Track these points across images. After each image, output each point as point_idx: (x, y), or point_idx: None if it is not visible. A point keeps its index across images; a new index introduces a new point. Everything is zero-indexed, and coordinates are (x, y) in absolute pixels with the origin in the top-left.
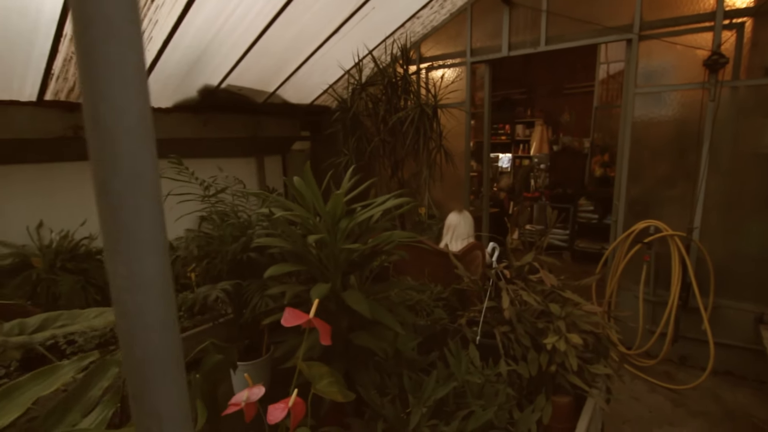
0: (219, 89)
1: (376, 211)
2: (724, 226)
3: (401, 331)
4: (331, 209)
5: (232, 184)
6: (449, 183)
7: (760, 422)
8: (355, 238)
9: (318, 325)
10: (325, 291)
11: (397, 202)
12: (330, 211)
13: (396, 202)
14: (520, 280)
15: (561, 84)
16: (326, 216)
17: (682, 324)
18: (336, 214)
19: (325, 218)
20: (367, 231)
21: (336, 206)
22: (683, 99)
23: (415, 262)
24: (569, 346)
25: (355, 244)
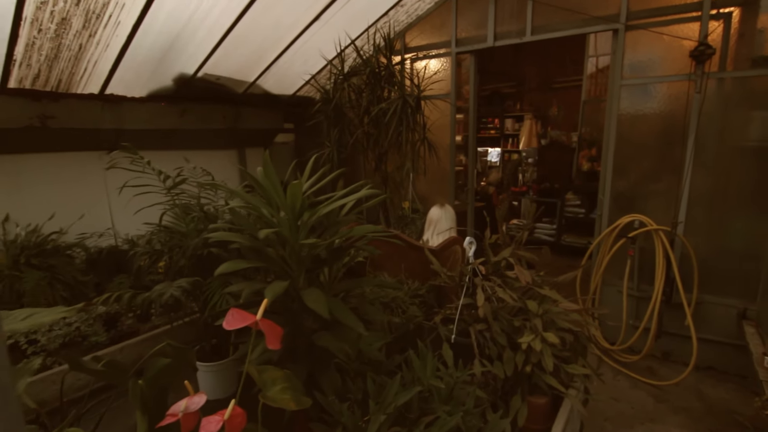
0: (195, 78)
1: (340, 203)
2: (709, 221)
3: (363, 331)
4: (290, 201)
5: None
6: (434, 177)
7: (742, 418)
8: (320, 233)
9: (265, 327)
10: (281, 289)
11: (364, 194)
12: (289, 204)
13: (362, 193)
14: (497, 276)
15: (550, 78)
16: (286, 209)
17: (666, 319)
18: (295, 206)
19: (285, 211)
20: (333, 225)
21: (295, 198)
22: (669, 91)
23: (393, 258)
24: (545, 345)
25: (312, 239)
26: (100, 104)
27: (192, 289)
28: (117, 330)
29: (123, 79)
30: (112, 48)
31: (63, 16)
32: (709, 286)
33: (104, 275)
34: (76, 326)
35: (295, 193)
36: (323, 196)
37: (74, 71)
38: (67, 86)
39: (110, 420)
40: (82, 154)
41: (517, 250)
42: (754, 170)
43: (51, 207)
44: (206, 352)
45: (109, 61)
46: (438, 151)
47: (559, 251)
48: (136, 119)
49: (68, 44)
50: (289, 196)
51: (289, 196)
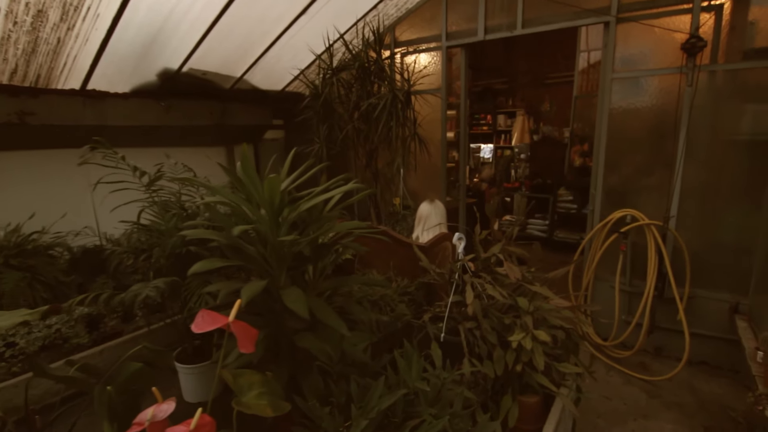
0: (181, 73)
1: (322, 198)
2: (701, 215)
3: (346, 332)
4: (268, 197)
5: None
6: (426, 173)
7: (735, 413)
8: (302, 230)
9: (238, 329)
10: (258, 289)
11: (347, 188)
12: (267, 199)
13: (346, 188)
14: (487, 273)
15: (542, 74)
16: (264, 205)
17: (658, 314)
18: (274, 202)
19: (264, 207)
20: (316, 221)
21: (273, 193)
22: (661, 84)
23: (382, 255)
24: (536, 343)
25: (290, 236)
26: (82, 100)
27: (170, 289)
28: (100, 331)
29: (105, 74)
30: (92, 42)
31: (39, 8)
32: (701, 280)
33: (88, 275)
34: (56, 328)
35: (273, 187)
36: (305, 191)
37: (53, 66)
38: (47, 81)
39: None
40: (64, 151)
41: (507, 246)
42: (745, 164)
43: (32, 206)
44: (188, 354)
45: (89, 55)
46: (429, 147)
47: (552, 247)
48: (119, 115)
49: (46, 38)
50: (267, 191)
51: (267, 191)
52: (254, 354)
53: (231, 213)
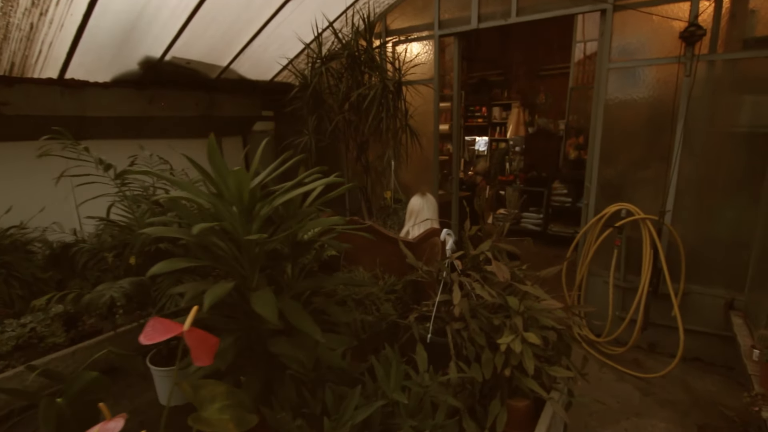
0: (163, 62)
1: (298, 192)
2: (697, 210)
3: (320, 338)
4: (236, 192)
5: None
6: (418, 165)
7: (728, 410)
8: (277, 226)
9: (192, 340)
10: (223, 292)
11: (326, 182)
12: (235, 194)
13: (324, 181)
14: (476, 271)
15: (538, 65)
16: (233, 200)
17: (652, 310)
18: (243, 197)
19: (234, 203)
20: (292, 218)
21: (241, 188)
22: (658, 75)
23: (369, 251)
24: (526, 345)
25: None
26: (60, 89)
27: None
28: (78, 330)
29: (83, 63)
30: (68, 28)
31: None
32: (696, 276)
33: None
34: (31, 327)
35: (240, 182)
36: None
37: (28, 54)
38: (22, 70)
39: None
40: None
41: (497, 242)
42: (744, 157)
43: (8, 200)
44: (163, 356)
45: (65, 42)
46: (421, 139)
47: (546, 241)
48: (99, 106)
49: (17, 23)
50: (234, 185)
51: (234, 185)
52: (222, 360)
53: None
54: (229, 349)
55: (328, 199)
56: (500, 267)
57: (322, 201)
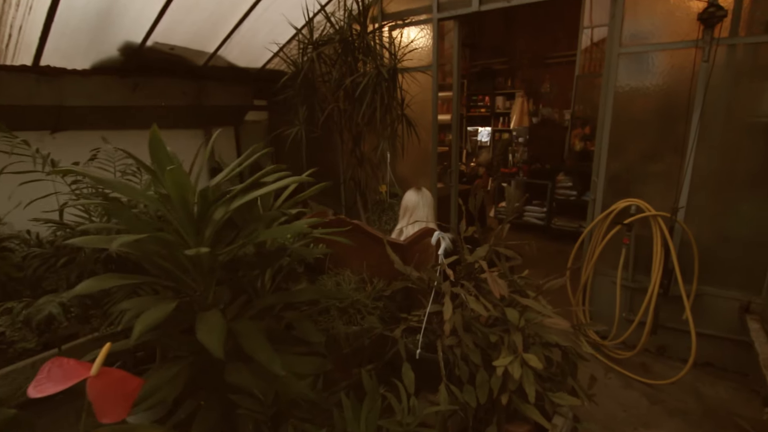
0: (145, 48)
1: (256, 194)
2: (713, 206)
3: (279, 371)
4: (176, 195)
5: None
6: (416, 157)
7: (743, 421)
8: (238, 232)
9: (100, 388)
10: (161, 315)
11: (290, 181)
12: (176, 198)
13: (290, 180)
14: (471, 280)
15: (543, 53)
16: (176, 203)
17: (661, 312)
18: (186, 201)
19: (176, 205)
20: (254, 222)
21: (181, 190)
22: (673, 60)
23: (358, 252)
24: (526, 369)
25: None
26: (35, 77)
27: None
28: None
29: (59, 49)
30: (37, 11)
31: None
32: (710, 277)
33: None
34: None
35: (179, 183)
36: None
37: None
38: None
39: None
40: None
41: (495, 246)
42: (765, 149)
43: None
44: (128, 368)
45: (36, 26)
46: (418, 130)
47: (550, 235)
48: (79, 95)
49: None
50: (171, 186)
51: (172, 188)
52: (170, 391)
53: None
54: (178, 378)
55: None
56: (496, 281)
57: (294, 201)
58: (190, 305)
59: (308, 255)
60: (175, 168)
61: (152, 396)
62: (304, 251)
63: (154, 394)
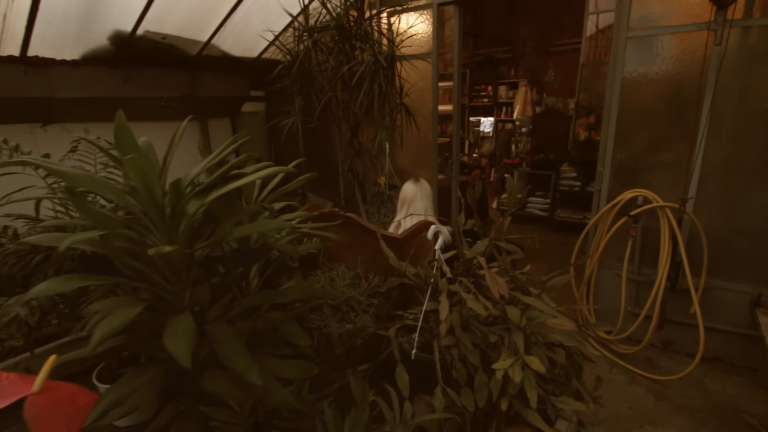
0: (136, 37)
1: (236, 185)
2: (724, 197)
3: (256, 380)
4: (142, 186)
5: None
6: (416, 148)
7: (751, 418)
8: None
9: (43, 406)
10: (124, 321)
11: (271, 172)
12: (142, 191)
13: (267, 172)
14: (470, 277)
15: (547, 41)
16: (143, 195)
17: (668, 306)
18: (153, 194)
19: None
20: (233, 216)
21: (146, 180)
22: (683, 44)
23: (352, 246)
24: (528, 372)
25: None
26: (23, 68)
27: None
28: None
29: (46, 39)
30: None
31: None
32: (719, 269)
33: None
34: None
35: (143, 173)
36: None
37: None
38: None
39: None
40: (7, 127)
41: (496, 240)
42: None
43: None
44: (112, 371)
45: (22, 15)
46: (418, 119)
47: (553, 227)
48: (69, 86)
49: None
50: (134, 178)
51: (134, 179)
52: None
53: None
54: (152, 384)
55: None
56: (495, 279)
57: (279, 193)
58: (166, 307)
59: (293, 252)
60: (134, 157)
61: (124, 403)
62: (288, 248)
63: (125, 401)
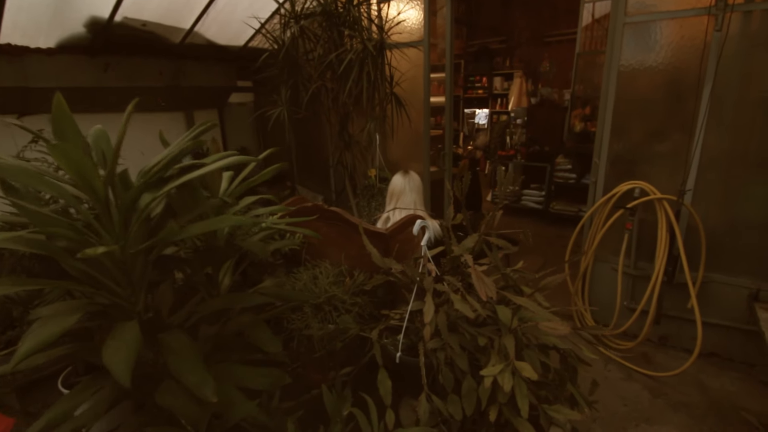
0: (114, 23)
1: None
2: (723, 189)
3: (209, 396)
4: (79, 180)
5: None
6: (407, 140)
7: (749, 414)
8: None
9: None
10: (58, 331)
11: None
12: (81, 182)
13: (228, 161)
14: (457, 276)
15: (542, 31)
16: (83, 189)
17: (665, 300)
18: (92, 185)
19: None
20: (194, 209)
21: (81, 170)
22: (683, 30)
23: (337, 242)
24: (519, 379)
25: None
26: None
27: None
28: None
29: (18, 25)
30: None
31: None
32: (717, 263)
33: None
34: None
35: (74, 162)
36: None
37: None
38: None
39: None
40: None
41: (486, 235)
42: None
43: None
44: (80, 375)
45: None
46: (409, 110)
47: (548, 220)
48: (45, 75)
49: None
50: (66, 168)
51: (68, 170)
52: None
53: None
54: (98, 401)
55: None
56: (482, 279)
57: (246, 187)
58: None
59: (261, 251)
60: (61, 144)
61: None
62: (256, 246)
63: (67, 420)
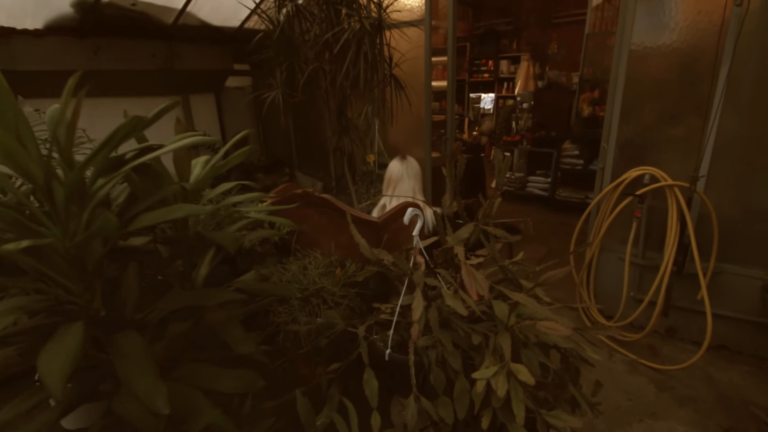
0: (102, 3)
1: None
2: (738, 175)
3: (162, 407)
4: (9, 164)
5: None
6: (408, 124)
7: (759, 410)
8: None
9: None
10: None
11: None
12: (22, 168)
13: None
14: (448, 268)
15: (550, 11)
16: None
17: (674, 291)
18: (26, 169)
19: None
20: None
21: (16, 155)
22: (699, 5)
23: (328, 231)
24: (515, 383)
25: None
26: None
27: None
28: None
29: (3, 5)
30: None
31: None
32: (730, 253)
33: None
34: None
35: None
36: None
37: None
38: None
39: None
40: None
41: (483, 225)
42: None
43: None
44: None
45: None
46: (410, 93)
47: (554, 207)
48: (33, 58)
49: None
50: None
51: None
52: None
53: None
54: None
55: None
56: (474, 276)
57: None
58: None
59: (227, 243)
60: None
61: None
62: (222, 237)
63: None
